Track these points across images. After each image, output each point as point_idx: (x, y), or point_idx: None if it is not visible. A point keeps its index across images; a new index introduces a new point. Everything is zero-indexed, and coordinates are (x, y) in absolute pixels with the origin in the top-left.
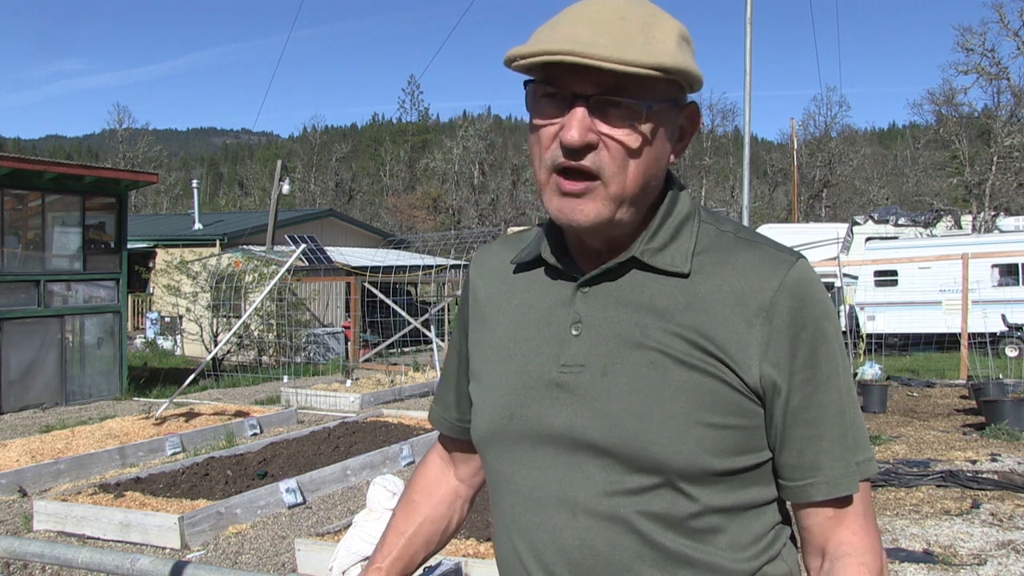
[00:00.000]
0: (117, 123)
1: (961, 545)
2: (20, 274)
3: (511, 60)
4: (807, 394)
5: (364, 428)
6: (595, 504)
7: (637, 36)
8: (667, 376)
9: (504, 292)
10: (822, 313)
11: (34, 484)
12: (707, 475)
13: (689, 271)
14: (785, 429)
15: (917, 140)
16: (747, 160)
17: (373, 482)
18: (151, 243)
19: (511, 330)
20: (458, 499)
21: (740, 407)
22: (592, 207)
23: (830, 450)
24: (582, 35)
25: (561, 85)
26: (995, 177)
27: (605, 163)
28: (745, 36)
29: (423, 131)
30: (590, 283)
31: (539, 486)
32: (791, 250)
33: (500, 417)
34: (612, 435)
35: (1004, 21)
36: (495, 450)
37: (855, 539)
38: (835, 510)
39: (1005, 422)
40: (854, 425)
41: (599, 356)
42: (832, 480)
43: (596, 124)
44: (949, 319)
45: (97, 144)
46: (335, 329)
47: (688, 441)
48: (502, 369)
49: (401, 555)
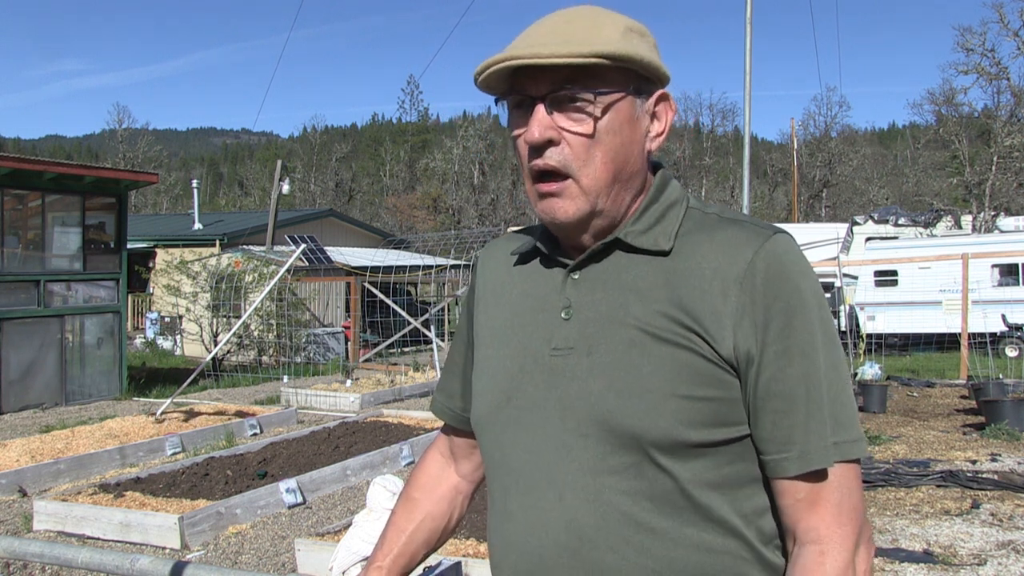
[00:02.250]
0: (117, 123)
1: (961, 545)
2: (20, 274)
3: (475, 80)
4: (781, 366)
5: (364, 428)
6: (581, 484)
7: (579, 33)
8: (646, 352)
9: (505, 282)
10: (799, 284)
11: (34, 484)
12: (683, 447)
13: (670, 249)
14: (759, 401)
15: (917, 140)
16: (747, 160)
17: (373, 482)
18: (151, 243)
19: (509, 318)
20: (458, 495)
21: (716, 378)
22: (571, 204)
23: (804, 424)
24: (532, 42)
25: (522, 92)
26: (995, 177)
27: (570, 158)
28: (745, 36)
29: (423, 131)
30: (578, 268)
31: (528, 468)
32: (773, 226)
33: (497, 401)
34: (594, 413)
35: (1004, 21)
36: (490, 434)
37: (822, 527)
38: (807, 489)
39: (1005, 422)
40: (836, 402)
41: (586, 338)
42: (804, 455)
43: (555, 120)
44: (949, 319)
45: (97, 144)
46: (335, 329)
47: (664, 414)
48: (500, 355)
49: (402, 552)
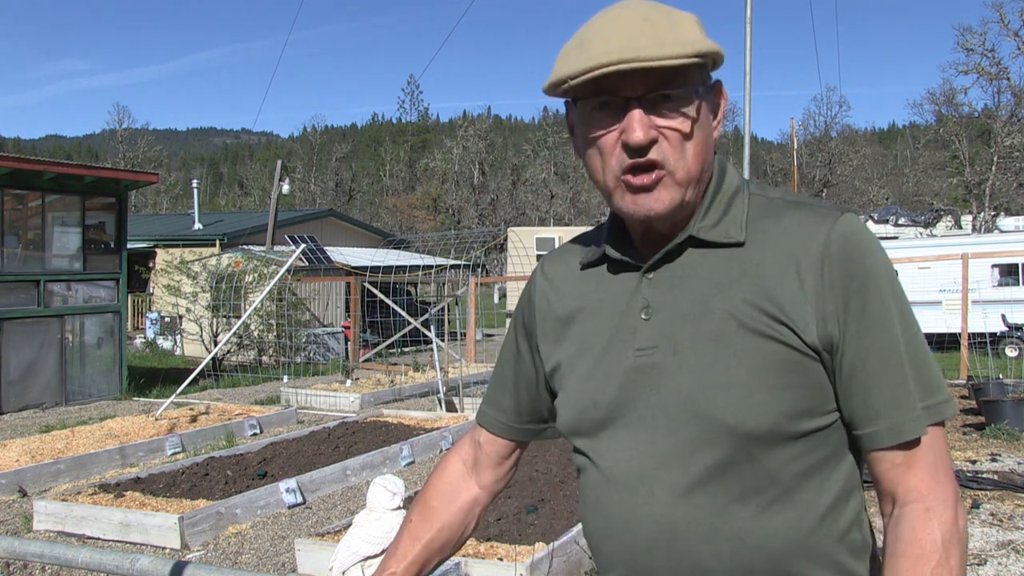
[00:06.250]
0: (117, 123)
1: None
2: (20, 274)
3: (560, 83)
4: (865, 344)
5: (364, 428)
6: (671, 479)
7: (667, 33)
8: (730, 345)
9: (576, 294)
10: (871, 262)
11: (34, 484)
12: (775, 437)
13: (744, 240)
14: (846, 380)
15: (917, 140)
16: (747, 160)
17: (373, 482)
18: (151, 243)
19: (586, 326)
20: (476, 507)
21: (803, 366)
22: (666, 194)
23: (893, 396)
24: (622, 44)
25: (612, 93)
26: (995, 177)
27: (668, 153)
28: (745, 36)
29: (423, 131)
30: (653, 268)
31: (620, 467)
32: (837, 207)
33: (584, 407)
34: (684, 409)
35: (1004, 21)
36: (581, 440)
37: (923, 486)
38: (903, 455)
39: (1005, 422)
40: (920, 368)
41: (669, 336)
42: (897, 426)
43: (652, 120)
44: (949, 319)
45: (97, 144)
46: (335, 329)
47: (755, 405)
48: (584, 362)
49: (415, 561)
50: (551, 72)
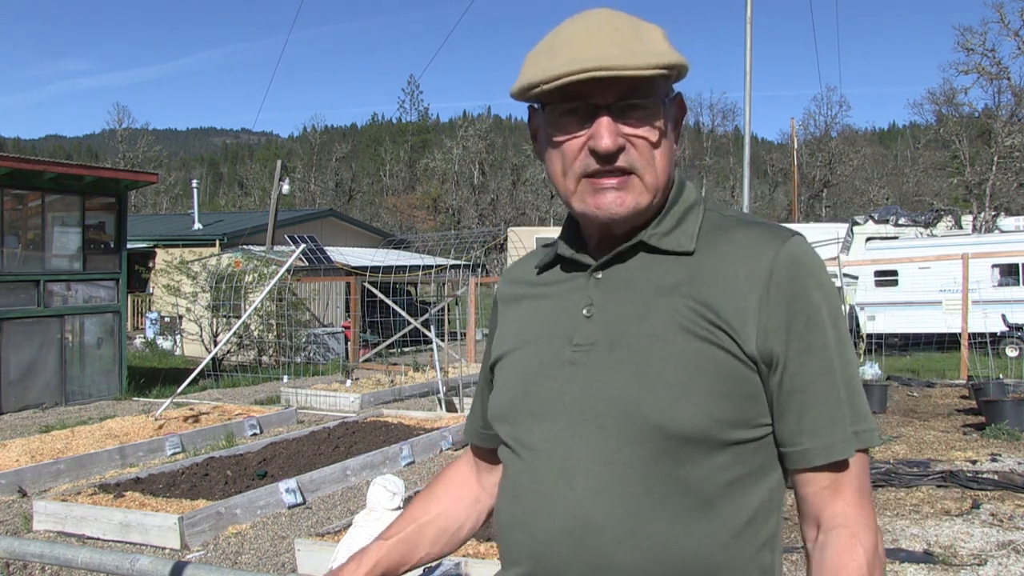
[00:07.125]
0: (117, 123)
1: (961, 545)
2: (20, 274)
3: (530, 88)
4: (803, 362)
5: (364, 428)
6: (593, 473)
7: (637, 43)
8: (669, 347)
9: (527, 292)
10: (816, 284)
11: (34, 484)
12: (703, 442)
13: (694, 250)
14: (783, 396)
15: (917, 140)
16: (747, 160)
17: (373, 482)
18: (151, 243)
19: (530, 321)
20: (478, 504)
21: (739, 375)
22: (631, 198)
23: (828, 416)
24: (594, 52)
25: (582, 100)
26: (995, 177)
27: (635, 159)
28: (745, 36)
29: (423, 131)
30: (602, 268)
31: (542, 457)
32: (789, 229)
33: (515, 396)
34: (615, 405)
35: (1004, 21)
36: (505, 427)
37: (849, 511)
38: (831, 479)
39: (1005, 422)
40: (854, 394)
41: (608, 334)
42: (829, 445)
43: (619, 127)
44: (949, 319)
45: (97, 144)
46: (335, 329)
47: (688, 407)
48: (521, 353)
49: (406, 539)
50: (519, 76)
